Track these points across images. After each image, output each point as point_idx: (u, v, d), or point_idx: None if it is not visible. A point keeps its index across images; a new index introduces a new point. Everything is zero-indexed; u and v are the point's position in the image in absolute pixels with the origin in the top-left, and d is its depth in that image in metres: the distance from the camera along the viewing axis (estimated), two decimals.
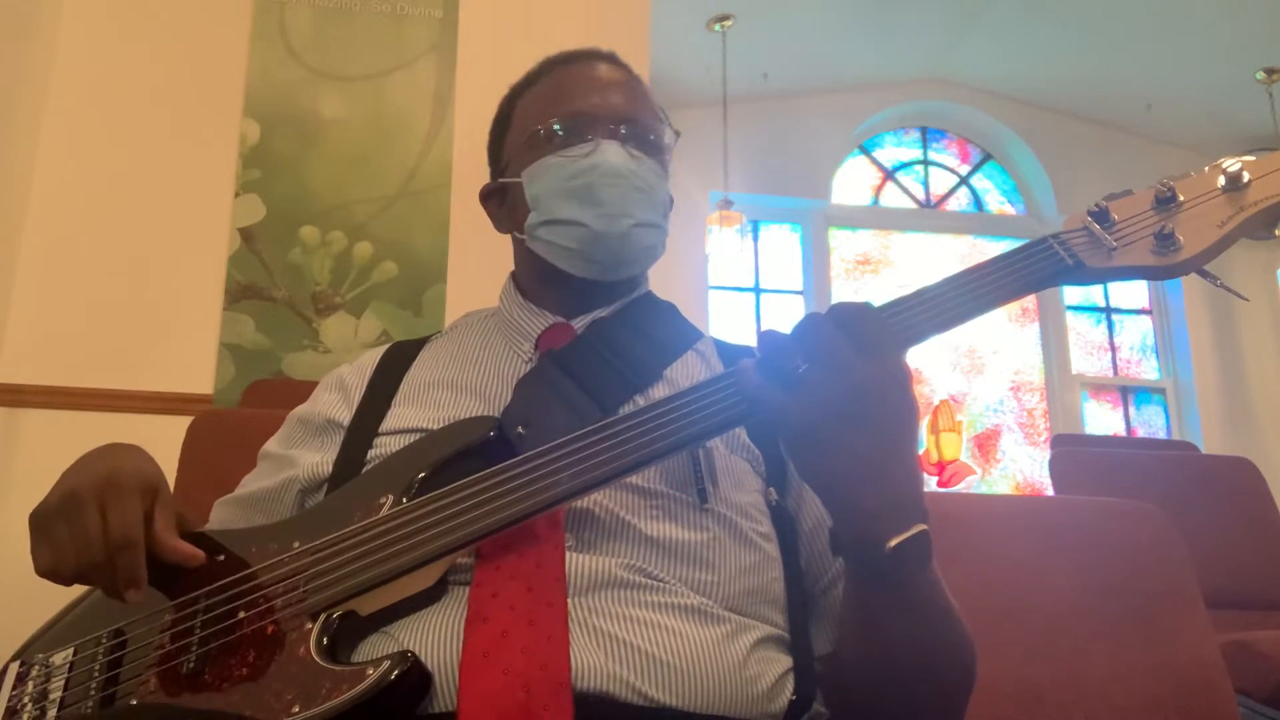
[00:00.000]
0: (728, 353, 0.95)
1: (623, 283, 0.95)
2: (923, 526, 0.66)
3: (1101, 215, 0.77)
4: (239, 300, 2.30)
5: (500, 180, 0.99)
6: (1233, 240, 0.76)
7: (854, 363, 0.66)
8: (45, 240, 2.25)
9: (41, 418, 2.16)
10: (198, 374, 2.25)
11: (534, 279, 0.96)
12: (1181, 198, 0.77)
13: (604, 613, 0.70)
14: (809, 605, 0.83)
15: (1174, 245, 0.75)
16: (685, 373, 0.90)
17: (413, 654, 0.65)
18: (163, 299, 2.28)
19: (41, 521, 0.73)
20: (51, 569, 0.72)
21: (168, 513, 0.75)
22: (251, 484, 0.95)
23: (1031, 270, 0.76)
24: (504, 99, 1.01)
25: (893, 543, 0.65)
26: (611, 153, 0.90)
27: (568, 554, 0.73)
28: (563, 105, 0.93)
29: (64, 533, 0.71)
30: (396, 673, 0.63)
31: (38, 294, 2.22)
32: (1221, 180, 0.77)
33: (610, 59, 0.98)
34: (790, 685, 0.76)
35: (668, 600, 0.73)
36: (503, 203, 0.99)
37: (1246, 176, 0.77)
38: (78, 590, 0.83)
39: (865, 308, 0.70)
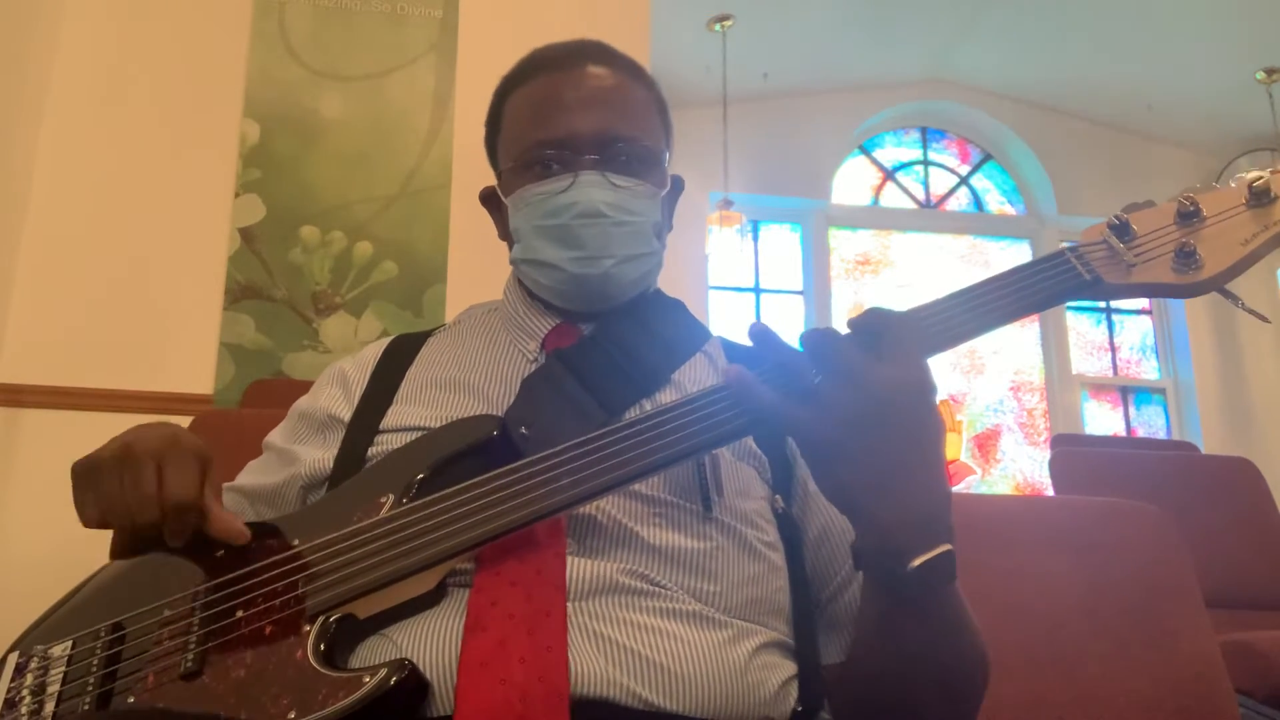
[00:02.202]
0: (735, 354, 0.94)
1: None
2: (948, 546, 0.64)
3: (1122, 229, 0.75)
4: (239, 300, 2.30)
5: (494, 188, 0.96)
6: (1257, 259, 0.73)
7: (875, 369, 0.65)
8: (45, 240, 2.25)
9: (41, 418, 2.16)
10: (198, 374, 2.25)
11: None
12: (1205, 213, 0.74)
13: (604, 617, 0.70)
14: (816, 614, 0.82)
15: (1195, 263, 0.73)
16: (693, 376, 0.89)
17: (410, 662, 0.65)
18: (163, 299, 2.27)
19: (90, 472, 0.71)
20: (100, 520, 0.71)
21: (217, 488, 0.75)
22: (257, 476, 0.94)
23: (1048, 285, 0.74)
24: (495, 92, 0.97)
25: (915, 562, 0.63)
26: (589, 190, 0.85)
27: (569, 559, 0.72)
28: (541, 129, 0.88)
29: (115, 484, 0.70)
30: (394, 680, 0.63)
31: (38, 294, 2.22)
32: (1246, 195, 0.74)
33: (599, 57, 0.93)
34: (794, 692, 0.75)
35: (668, 606, 0.72)
36: (499, 210, 0.96)
37: (1273, 192, 0.74)
38: (76, 583, 0.83)
39: (891, 314, 0.69)
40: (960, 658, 0.71)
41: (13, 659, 0.76)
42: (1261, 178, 0.74)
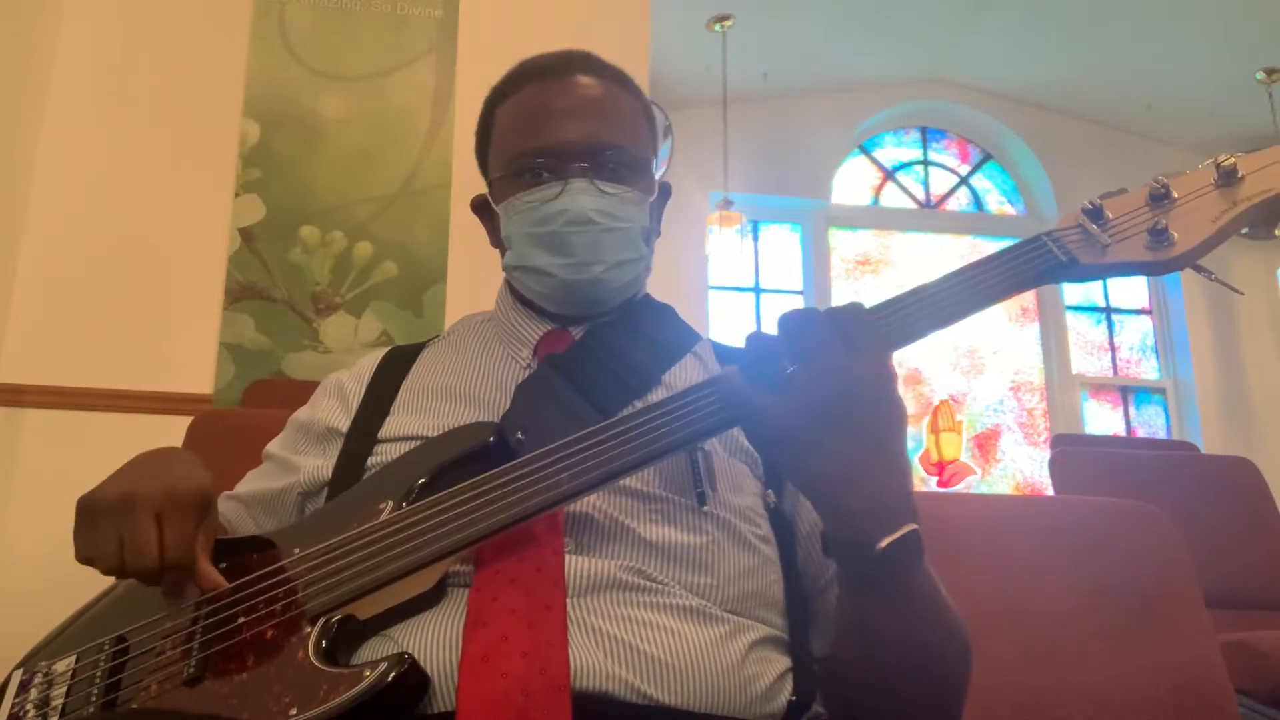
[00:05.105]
0: (726, 355, 0.95)
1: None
2: (913, 526, 0.66)
3: (1095, 213, 0.78)
4: (239, 300, 2.30)
5: (486, 196, 0.98)
6: (1227, 235, 0.76)
7: (843, 362, 0.66)
8: (45, 240, 2.25)
9: (41, 418, 2.16)
10: (198, 374, 2.25)
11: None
12: (1175, 194, 0.78)
13: (603, 613, 0.70)
14: (807, 607, 0.83)
15: (1167, 241, 0.76)
16: (684, 376, 0.90)
17: (410, 656, 0.65)
18: (163, 299, 2.27)
19: (92, 513, 0.72)
20: (89, 561, 0.72)
21: (210, 535, 0.75)
22: (257, 483, 0.95)
23: (1025, 267, 0.76)
24: (485, 102, 0.98)
25: (883, 543, 0.65)
26: (578, 197, 0.87)
27: (567, 557, 0.73)
28: (531, 138, 0.90)
29: (111, 533, 0.70)
30: (394, 675, 0.63)
31: (38, 294, 2.22)
32: (1215, 176, 0.78)
33: (586, 66, 0.94)
34: (789, 686, 0.76)
35: (666, 601, 0.73)
36: (491, 217, 0.98)
37: (1240, 172, 0.77)
38: (79, 590, 0.84)
39: (856, 307, 0.70)
40: (936, 640, 0.72)
41: (17, 676, 0.77)
42: (1229, 159, 0.77)
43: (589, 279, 0.89)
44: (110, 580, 0.78)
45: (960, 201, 5.96)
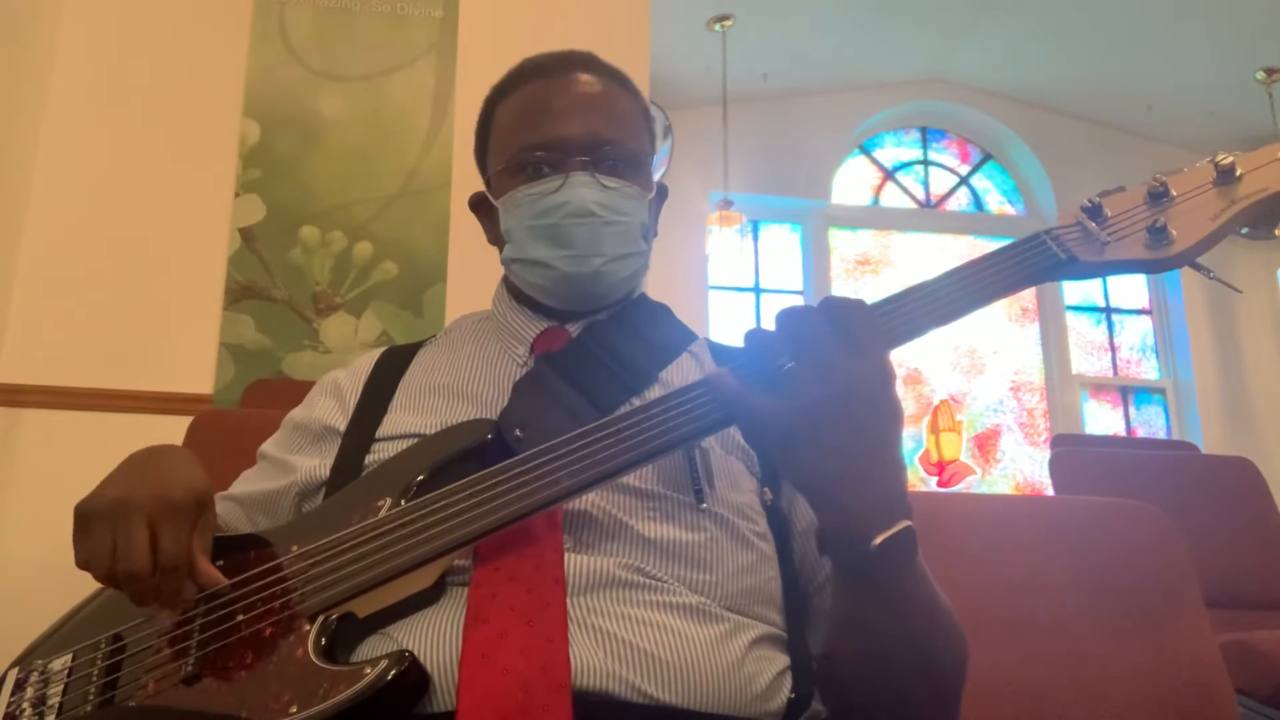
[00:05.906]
0: (722, 354, 0.95)
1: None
2: (907, 523, 0.66)
3: (1094, 211, 0.78)
4: (239, 300, 2.30)
5: (483, 194, 0.98)
6: (1226, 233, 0.77)
7: (841, 361, 0.66)
8: (45, 240, 2.25)
9: (41, 418, 2.16)
10: (198, 374, 2.25)
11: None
12: (1174, 192, 0.78)
13: (603, 612, 0.71)
14: (805, 605, 0.83)
15: (1166, 239, 0.76)
16: (680, 374, 0.90)
17: (410, 653, 0.65)
18: (163, 299, 2.27)
19: (88, 519, 0.72)
20: (86, 567, 0.72)
21: (208, 534, 0.75)
22: (252, 484, 0.95)
23: (1024, 265, 0.76)
24: (485, 101, 0.99)
25: (878, 540, 0.64)
26: (579, 190, 0.88)
27: (566, 555, 0.73)
28: (532, 133, 0.91)
29: (107, 538, 0.71)
30: (394, 672, 0.63)
31: (38, 294, 2.22)
32: (1213, 174, 0.78)
33: (587, 65, 0.95)
34: (788, 684, 0.76)
35: (666, 599, 0.73)
36: (488, 214, 0.98)
37: (1239, 170, 0.77)
38: (78, 589, 0.84)
39: (857, 303, 0.70)
40: (932, 636, 0.72)
41: (12, 675, 0.77)
42: (1228, 157, 0.77)
43: (589, 271, 0.89)
44: None
45: (960, 201, 5.96)
